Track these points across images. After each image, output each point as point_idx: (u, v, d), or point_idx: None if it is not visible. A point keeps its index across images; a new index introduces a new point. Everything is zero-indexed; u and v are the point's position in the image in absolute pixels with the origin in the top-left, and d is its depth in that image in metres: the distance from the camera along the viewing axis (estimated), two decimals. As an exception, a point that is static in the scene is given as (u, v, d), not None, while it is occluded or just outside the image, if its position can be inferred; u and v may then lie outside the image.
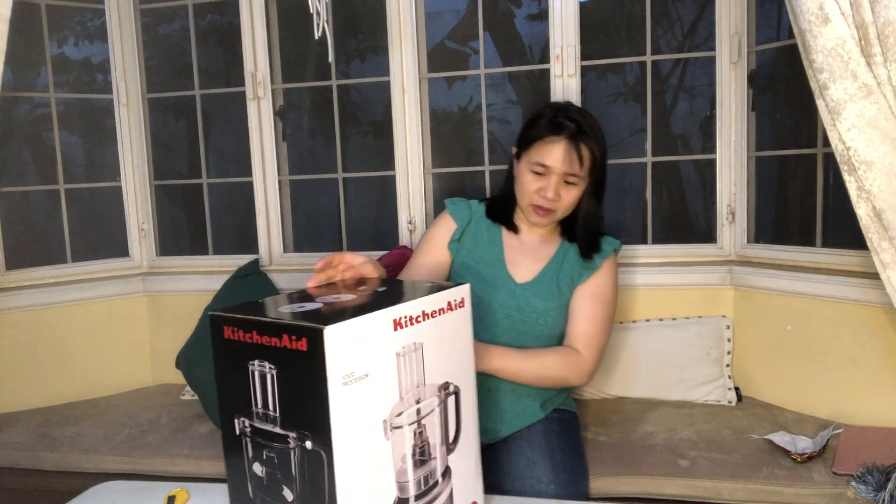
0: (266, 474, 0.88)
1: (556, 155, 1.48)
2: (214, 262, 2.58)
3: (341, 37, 2.72)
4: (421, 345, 0.91)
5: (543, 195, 1.50)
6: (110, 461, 1.96)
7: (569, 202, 1.54)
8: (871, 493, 1.49)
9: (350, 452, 0.82)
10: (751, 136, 2.20)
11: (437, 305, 0.94)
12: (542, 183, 1.51)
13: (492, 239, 1.64)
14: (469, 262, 1.61)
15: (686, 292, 2.21)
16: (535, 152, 1.51)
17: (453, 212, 1.67)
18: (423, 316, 0.92)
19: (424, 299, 0.92)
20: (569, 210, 1.57)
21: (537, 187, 1.51)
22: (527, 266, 1.61)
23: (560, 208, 1.54)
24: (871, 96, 1.42)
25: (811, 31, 1.46)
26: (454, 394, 0.98)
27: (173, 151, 3.47)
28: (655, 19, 2.34)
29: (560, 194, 1.51)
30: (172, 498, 1.14)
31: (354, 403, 0.82)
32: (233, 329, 0.86)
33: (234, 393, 0.88)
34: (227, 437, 0.92)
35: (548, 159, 1.49)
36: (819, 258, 2.02)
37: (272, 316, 0.85)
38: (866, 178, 1.46)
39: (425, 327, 0.92)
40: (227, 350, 0.88)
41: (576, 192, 1.53)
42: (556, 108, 1.55)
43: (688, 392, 2.12)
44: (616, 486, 1.67)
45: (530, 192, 1.52)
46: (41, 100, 2.66)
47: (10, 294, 2.34)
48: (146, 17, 2.61)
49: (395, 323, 0.87)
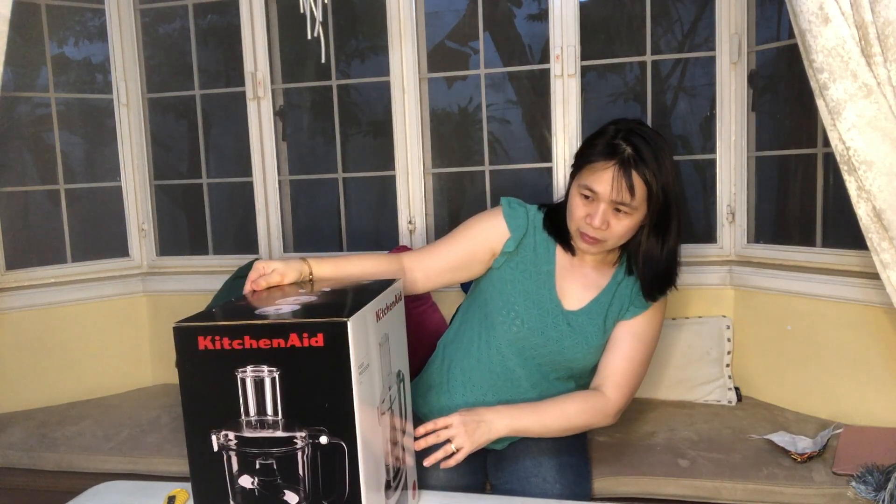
0: (260, 484, 0.86)
1: (605, 182, 1.33)
2: (214, 262, 2.58)
3: (341, 37, 2.72)
4: (387, 335, 0.97)
5: (590, 223, 1.36)
6: (110, 461, 1.96)
7: (620, 233, 1.38)
8: (871, 493, 1.48)
9: (365, 441, 0.85)
10: (751, 136, 2.20)
11: (390, 300, 1.00)
12: (591, 209, 1.36)
13: (546, 255, 1.51)
14: (517, 277, 1.49)
15: (686, 292, 2.21)
16: (584, 175, 1.38)
17: (509, 217, 1.51)
18: (387, 307, 0.98)
19: (385, 293, 0.98)
20: (620, 241, 1.41)
21: (585, 213, 1.37)
22: (576, 293, 1.49)
23: (610, 238, 1.39)
24: (871, 96, 1.42)
25: (811, 30, 1.46)
26: (402, 381, 1.05)
27: (173, 151, 3.47)
28: (655, 19, 2.34)
29: (609, 223, 1.36)
30: (172, 498, 1.14)
31: (365, 392, 0.86)
32: (213, 338, 0.82)
33: (211, 407, 0.84)
34: (197, 457, 0.86)
35: (596, 185, 1.34)
36: (819, 258, 2.02)
37: (260, 319, 0.82)
38: (866, 178, 1.46)
39: (388, 319, 0.98)
40: (203, 362, 0.83)
41: (628, 222, 1.37)
42: (618, 129, 1.38)
43: (688, 392, 2.12)
44: (616, 486, 1.67)
45: (578, 217, 1.38)
46: (41, 100, 2.65)
47: (11, 294, 2.34)
48: (146, 17, 2.62)
49: (377, 314, 0.92)
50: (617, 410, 1.45)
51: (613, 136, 1.36)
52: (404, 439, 1.08)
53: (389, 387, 0.97)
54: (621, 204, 1.34)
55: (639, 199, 1.35)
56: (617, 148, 1.34)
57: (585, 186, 1.36)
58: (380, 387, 0.92)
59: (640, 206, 1.37)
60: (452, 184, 3.37)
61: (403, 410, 1.07)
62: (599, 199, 1.35)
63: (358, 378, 0.83)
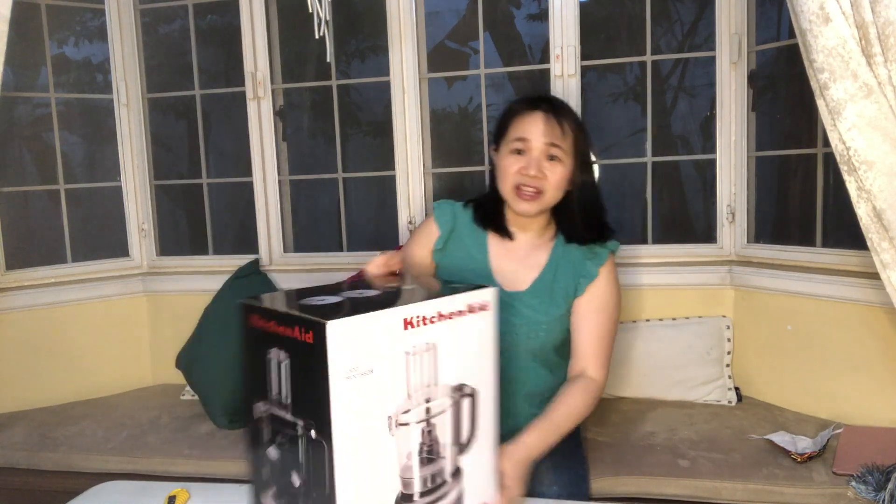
0: (279, 459, 0.91)
1: (536, 124, 1.40)
2: (214, 262, 2.58)
3: (341, 37, 2.72)
4: (434, 345, 0.91)
5: (526, 173, 1.39)
6: (110, 461, 1.96)
7: (555, 182, 1.41)
8: (871, 493, 1.49)
9: (350, 444, 0.84)
10: (751, 136, 2.20)
11: (454, 307, 0.93)
12: (524, 161, 1.40)
13: (477, 246, 1.54)
14: (453, 272, 1.52)
15: (686, 292, 2.21)
16: (513, 130, 1.43)
17: (438, 217, 1.57)
18: (439, 317, 0.91)
19: (440, 300, 0.92)
20: (557, 191, 1.43)
21: (518, 167, 1.40)
22: (518, 275, 1.50)
23: (547, 188, 1.41)
24: (871, 96, 1.42)
25: (812, 30, 1.46)
26: (470, 396, 0.97)
27: (173, 151, 3.47)
28: (655, 19, 2.34)
29: (544, 171, 1.40)
30: (173, 498, 1.14)
31: (357, 397, 0.84)
32: (257, 317, 0.90)
33: (256, 379, 0.91)
34: (249, 421, 0.95)
35: (527, 131, 1.40)
36: (819, 258, 2.02)
37: (292, 307, 0.88)
38: (866, 178, 1.46)
39: (440, 328, 0.92)
40: (251, 337, 0.91)
41: (561, 169, 1.41)
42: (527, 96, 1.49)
43: (688, 392, 2.12)
44: (616, 486, 1.67)
45: (513, 172, 1.41)
46: (41, 100, 2.66)
47: (10, 294, 2.34)
48: (146, 17, 2.61)
49: (406, 322, 0.88)
50: (603, 387, 1.46)
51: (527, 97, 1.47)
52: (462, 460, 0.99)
53: (427, 399, 0.92)
54: (554, 146, 1.40)
55: (568, 143, 1.41)
56: (540, 99, 1.44)
57: (517, 138, 1.41)
58: (398, 396, 0.88)
59: (569, 154, 1.42)
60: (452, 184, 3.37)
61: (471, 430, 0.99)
62: (532, 148, 1.40)
63: (344, 382, 0.82)
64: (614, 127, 4.55)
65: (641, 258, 2.28)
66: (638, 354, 2.17)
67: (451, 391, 0.94)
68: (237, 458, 1.90)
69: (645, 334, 2.19)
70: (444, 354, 0.92)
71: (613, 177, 4.93)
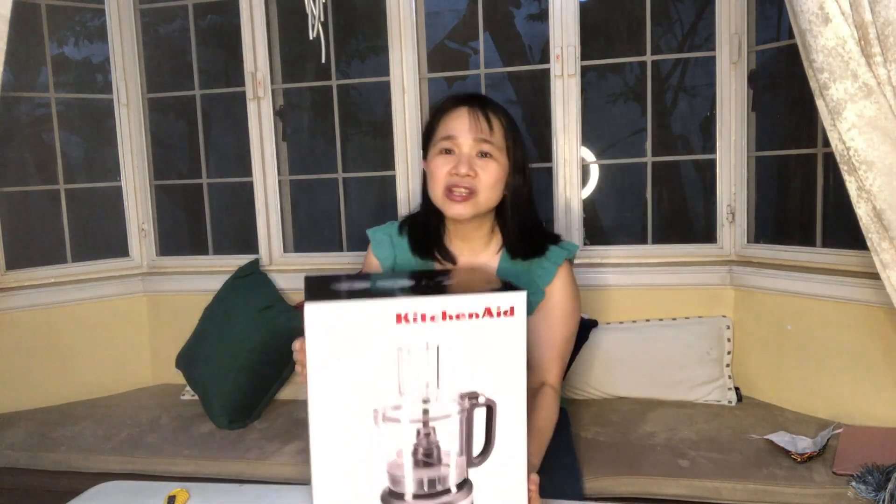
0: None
1: (462, 120, 1.31)
2: (214, 262, 2.58)
3: (341, 37, 2.72)
4: (437, 346, 0.87)
5: (457, 172, 1.29)
6: (110, 461, 1.96)
7: (488, 181, 1.31)
8: (871, 493, 1.49)
9: (329, 429, 0.85)
10: (751, 136, 2.20)
11: (467, 308, 0.88)
12: (454, 160, 1.31)
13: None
14: None
15: (686, 292, 2.21)
16: (440, 130, 1.34)
17: (376, 250, 1.47)
18: (444, 316, 0.87)
19: (449, 298, 0.87)
20: (491, 191, 1.33)
21: (448, 168, 1.30)
22: None
23: (480, 188, 1.31)
24: (871, 96, 1.42)
25: (811, 30, 1.46)
26: (486, 407, 0.91)
27: (173, 151, 3.47)
28: (655, 19, 2.34)
29: (475, 169, 1.30)
30: (172, 498, 1.14)
31: (337, 383, 0.85)
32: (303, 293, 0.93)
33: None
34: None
35: (454, 127, 1.32)
36: (819, 258, 2.02)
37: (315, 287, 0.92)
38: (866, 178, 1.46)
39: (446, 328, 0.87)
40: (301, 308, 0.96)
41: (494, 167, 1.31)
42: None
43: (688, 392, 2.12)
44: (616, 486, 1.67)
45: (443, 174, 1.31)
46: (41, 100, 2.66)
47: (10, 294, 2.34)
48: (146, 17, 2.61)
49: (399, 317, 0.86)
50: (559, 387, 1.40)
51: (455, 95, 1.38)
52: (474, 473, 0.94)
53: (425, 400, 0.89)
54: (484, 142, 1.31)
55: (497, 137, 1.33)
56: (461, 96, 1.36)
57: (444, 137, 1.32)
58: (387, 391, 0.87)
59: (501, 150, 1.33)
60: (452, 184, 3.35)
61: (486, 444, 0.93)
62: (461, 146, 1.31)
63: (322, 365, 0.84)
64: (614, 127, 4.55)
65: (641, 258, 2.29)
66: (638, 354, 2.16)
67: (460, 398, 0.90)
68: (237, 458, 1.90)
69: (645, 334, 2.19)
70: (450, 357, 0.88)
71: (613, 177, 4.93)
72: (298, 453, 1.89)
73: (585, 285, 2.23)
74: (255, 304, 2.27)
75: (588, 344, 2.15)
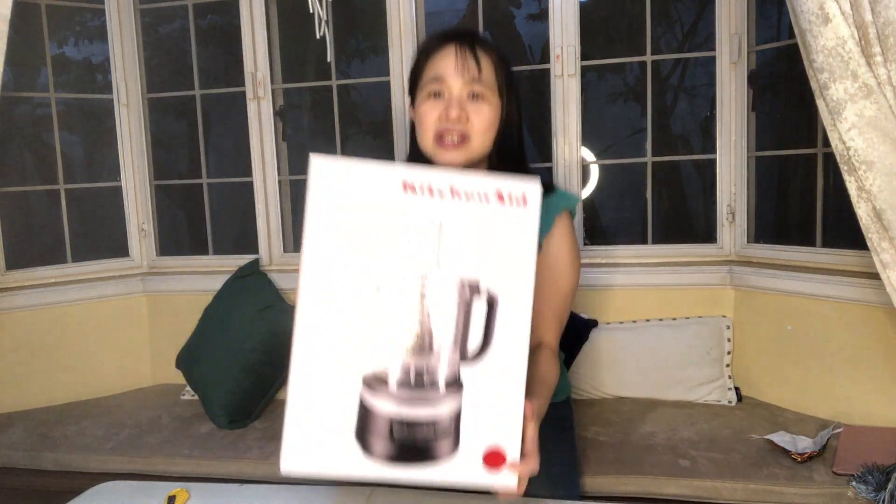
0: None
1: (449, 58, 1.22)
2: (214, 262, 2.58)
3: (341, 37, 2.72)
4: (440, 223, 0.83)
5: (448, 115, 1.21)
6: (110, 461, 1.96)
7: (480, 125, 1.23)
8: (871, 493, 1.49)
9: (317, 294, 0.82)
10: (751, 136, 2.20)
11: (475, 188, 0.83)
12: (443, 105, 1.22)
13: None
14: None
15: (686, 292, 2.21)
16: (427, 71, 1.25)
17: None
18: (452, 192, 0.83)
19: (458, 175, 0.83)
20: (485, 136, 1.25)
21: (437, 113, 1.22)
22: None
23: (473, 134, 1.23)
24: (871, 96, 1.42)
25: (811, 30, 1.46)
26: (488, 300, 0.85)
27: (173, 151, 3.47)
28: (655, 19, 2.34)
29: (467, 113, 1.22)
30: (172, 498, 1.14)
31: (333, 242, 0.82)
32: None
33: None
34: None
35: (441, 67, 1.23)
36: (819, 258, 2.02)
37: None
38: (866, 178, 1.46)
39: (452, 206, 0.83)
40: None
41: (487, 109, 1.23)
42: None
43: (688, 392, 2.12)
44: (616, 486, 1.67)
45: (432, 120, 1.23)
46: (41, 100, 2.66)
47: (10, 294, 2.34)
48: (146, 17, 2.61)
49: (406, 185, 0.82)
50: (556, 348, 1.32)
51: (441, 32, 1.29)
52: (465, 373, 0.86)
53: (424, 276, 0.84)
54: (474, 82, 1.22)
55: (489, 76, 1.24)
56: (452, 31, 1.27)
57: (432, 79, 1.24)
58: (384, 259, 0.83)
59: (493, 90, 1.25)
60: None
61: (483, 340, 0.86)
62: (450, 88, 1.23)
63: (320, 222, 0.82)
64: (614, 127, 4.55)
65: (641, 258, 2.28)
66: (638, 354, 2.16)
67: (460, 285, 0.84)
68: (237, 458, 1.90)
69: (645, 334, 2.19)
70: (454, 240, 0.83)
71: (613, 177, 4.93)
72: (298, 453, 1.89)
73: (586, 285, 2.23)
74: (255, 304, 2.27)
75: (588, 344, 2.15)
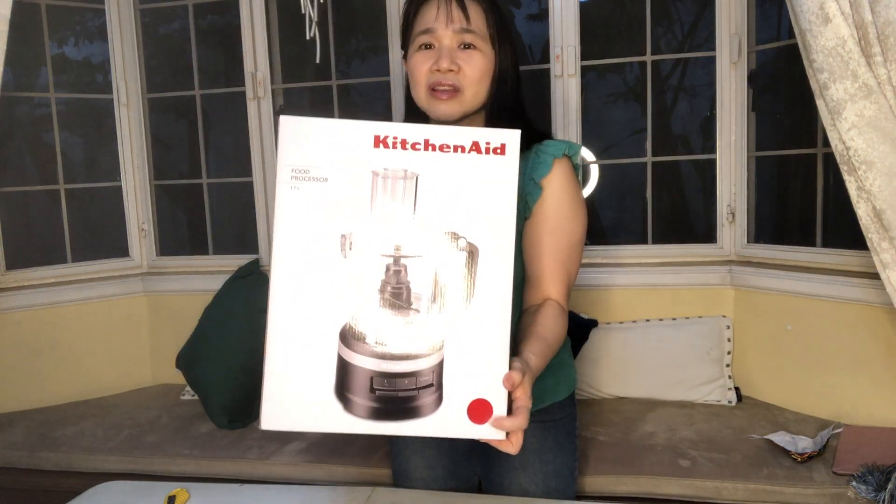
0: None
1: (436, 11, 1.20)
2: (214, 262, 2.58)
3: (341, 37, 2.71)
4: (415, 175, 0.81)
5: (439, 67, 1.18)
6: (110, 461, 1.96)
7: (473, 75, 1.20)
8: (872, 493, 1.49)
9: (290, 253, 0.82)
10: (751, 136, 2.20)
11: (452, 140, 0.82)
12: (434, 56, 1.20)
13: None
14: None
15: (686, 292, 2.21)
16: (417, 24, 1.23)
17: None
18: (426, 145, 0.81)
19: (433, 128, 0.82)
20: (478, 86, 1.22)
21: (429, 65, 1.20)
22: None
23: (466, 84, 1.20)
24: (871, 96, 1.42)
25: (811, 30, 1.46)
26: (468, 250, 0.83)
27: (173, 151, 3.46)
28: (655, 19, 2.34)
29: (458, 64, 1.19)
30: (172, 498, 1.14)
31: (304, 202, 0.83)
32: None
33: None
34: None
35: (429, 20, 1.20)
36: (819, 258, 2.02)
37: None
38: (866, 178, 1.46)
39: (428, 158, 0.81)
40: None
41: (479, 58, 1.20)
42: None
43: (688, 392, 2.12)
44: (616, 486, 1.67)
45: (424, 72, 1.20)
46: (41, 100, 2.66)
47: (10, 294, 2.34)
48: (146, 17, 2.61)
49: (378, 140, 0.82)
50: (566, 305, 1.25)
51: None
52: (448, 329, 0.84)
53: (399, 230, 0.83)
54: (465, 31, 1.20)
55: (479, 25, 1.21)
56: None
57: (422, 31, 1.21)
58: (357, 217, 0.82)
59: (485, 39, 1.22)
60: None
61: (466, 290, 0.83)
62: (440, 38, 1.20)
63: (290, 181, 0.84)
64: (614, 127, 4.55)
65: (641, 258, 2.28)
66: (638, 354, 2.16)
67: (438, 237, 0.82)
68: (237, 458, 1.90)
69: (645, 334, 2.19)
70: (431, 191, 0.82)
71: (614, 177, 4.93)
72: (298, 453, 1.89)
73: (586, 285, 2.23)
74: (255, 304, 2.27)
75: (588, 344, 2.15)
